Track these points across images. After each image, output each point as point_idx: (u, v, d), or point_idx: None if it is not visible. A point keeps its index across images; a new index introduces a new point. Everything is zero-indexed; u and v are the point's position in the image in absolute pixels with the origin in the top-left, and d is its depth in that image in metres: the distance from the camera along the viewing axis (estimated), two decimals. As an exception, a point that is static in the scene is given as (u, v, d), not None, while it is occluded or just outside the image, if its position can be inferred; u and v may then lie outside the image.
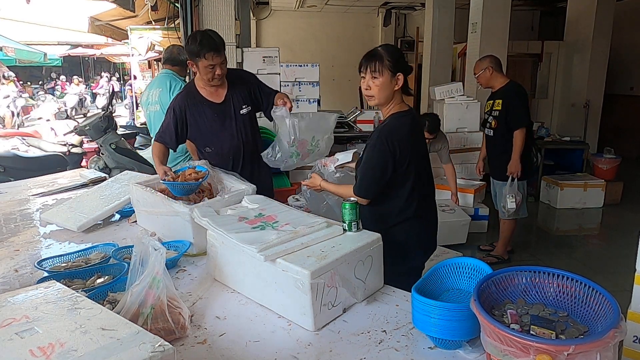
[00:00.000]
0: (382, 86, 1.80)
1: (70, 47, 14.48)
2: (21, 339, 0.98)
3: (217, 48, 2.26)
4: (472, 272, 1.36)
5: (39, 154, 5.31)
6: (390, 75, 1.80)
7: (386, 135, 1.81)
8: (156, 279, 1.25)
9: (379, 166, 1.81)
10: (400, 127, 1.82)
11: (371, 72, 1.80)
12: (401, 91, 1.86)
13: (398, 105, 1.87)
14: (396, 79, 1.81)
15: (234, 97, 2.46)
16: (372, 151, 1.83)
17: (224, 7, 4.48)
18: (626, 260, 2.29)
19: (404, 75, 1.82)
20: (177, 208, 1.82)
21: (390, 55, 1.79)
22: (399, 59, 1.82)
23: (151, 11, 5.81)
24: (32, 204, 2.59)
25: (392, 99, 1.85)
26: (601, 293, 1.07)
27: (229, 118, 2.46)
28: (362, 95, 8.54)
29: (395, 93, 1.84)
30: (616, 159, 5.89)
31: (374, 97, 1.83)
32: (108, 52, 14.86)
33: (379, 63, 1.78)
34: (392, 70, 1.79)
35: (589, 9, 7.32)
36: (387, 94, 1.83)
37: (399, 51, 1.87)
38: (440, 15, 7.84)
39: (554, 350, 0.90)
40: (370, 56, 1.82)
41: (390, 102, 1.85)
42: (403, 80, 1.82)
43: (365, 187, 1.86)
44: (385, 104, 1.86)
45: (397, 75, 1.81)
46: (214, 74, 2.31)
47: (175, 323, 1.26)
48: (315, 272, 1.28)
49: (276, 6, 10.15)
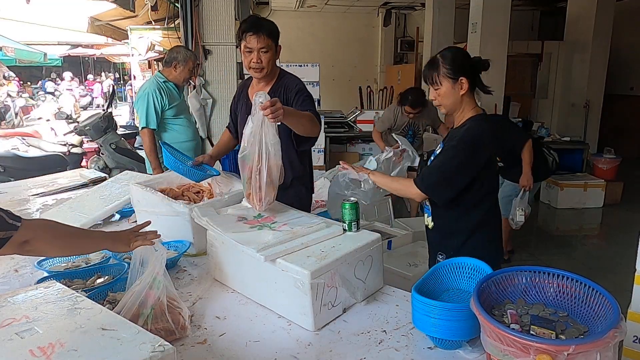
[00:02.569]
0: (445, 95, 1.72)
1: (70, 47, 14.47)
2: (21, 339, 0.98)
3: (258, 29, 2.00)
4: (472, 272, 1.36)
5: (39, 154, 5.31)
6: (451, 82, 1.69)
7: (470, 135, 1.68)
8: (157, 280, 1.25)
9: (455, 167, 1.67)
10: (483, 132, 1.70)
11: (431, 83, 1.73)
12: (471, 94, 1.74)
13: (473, 109, 1.74)
14: (459, 83, 1.69)
15: None
16: (452, 151, 1.68)
17: (224, 7, 4.48)
18: (626, 260, 2.29)
19: (468, 78, 1.70)
20: (177, 208, 1.82)
21: (447, 61, 1.69)
22: (460, 61, 1.70)
23: (151, 11, 5.81)
24: (32, 204, 2.59)
25: (461, 104, 1.73)
26: (601, 293, 1.07)
27: None
28: (362, 95, 8.58)
29: (464, 97, 1.72)
30: (616, 159, 5.89)
31: (441, 106, 1.76)
32: (108, 52, 14.84)
33: (435, 74, 1.71)
34: (452, 77, 1.69)
35: (589, 9, 7.32)
36: (453, 101, 1.73)
37: (458, 54, 1.74)
38: (440, 15, 7.84)
39: (554, 350, 0.90)
40: (428, 67, 1.74)
41: (460, 107, 1.74)
42: (468, 82, 1.69)
43: (433, 183, 1.69)
44: (455, 110, 1.76)
45: (459, 80, 1.69)
46: (251, 60, 2.04)
47: (175, 323, 1.26)
48: (315, 272, 1.28)
49: (276, 6, 10.14)
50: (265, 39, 2.03)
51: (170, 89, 3.23)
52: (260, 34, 2.01)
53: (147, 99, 3.14)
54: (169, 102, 3.17)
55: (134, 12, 6.35)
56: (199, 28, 4.52)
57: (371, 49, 11.32)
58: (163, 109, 3.17)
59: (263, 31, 2.01)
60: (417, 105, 4.05)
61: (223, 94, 5.06)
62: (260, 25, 2.02)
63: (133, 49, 6.73)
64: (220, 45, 4.87)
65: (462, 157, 1.66)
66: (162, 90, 3.17)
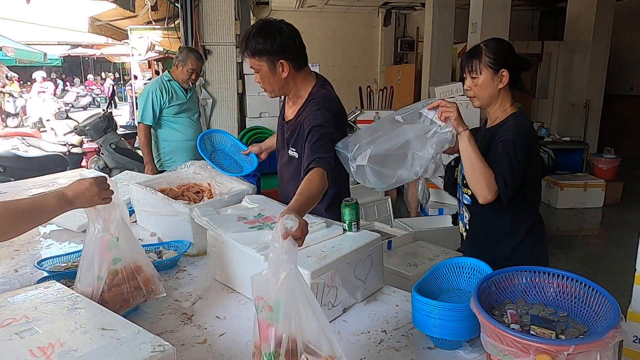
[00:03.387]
0: (483, 86, 1.62)
1: (70, 47, 14.48)
2: (21, 339, 0.98)
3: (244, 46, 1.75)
4: (472, 272, 1.35)
5: (39, 154, 5.31)
6: (492, 73, 1.60)
7: (522, 130, 1.58)
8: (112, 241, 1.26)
9: (519, 164, 1.53)
10: (529, 127, 1.62)
11: (469, 71, 1.64)
12: (509, 90, 1.64)
13: (513, 105, 1.65)
14: (500, 75, 1.60)
15: (293, 126, 1.86)
16: (510, 146, 1.54)
17: (224, 7, 4.48)
18: (626, 260, 2.29)
19: (510, 72, 1.61)
20: (177, 208, 1.82)
21: (491, 50, 1.60)
22: (504, 53, 1.61)
23: (151, 11, 5.82)
24: (32, 204, 2.59)
25: (498, 99, 1.64)
26: (601, 293, 1.07)
27: (284, 146, 1.93)
28: (362, 95, 8.57)
29: (502, 91, 1.63)
30: (616, 159, 5.89)
31: (476, 97, 1.66)
32: (108, 52, 14.85)
33: (477, 61, 1.61)
34: (493, 67, 1.60)
35: (589, 9, 7.33)
36: (490, 93, 1.63)
37: (504, 45, 1.64)
38: (440, 15, 7.85)
39: (554, 350, 0.90)
40: (470, 54, 1.64)
41: (496, 102, 1.65)
42: (508, 77, 1.60)
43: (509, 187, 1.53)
44: (490, 104, 1.66)
45: (500, 72, 1.60)
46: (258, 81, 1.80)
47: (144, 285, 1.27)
48: (315, 272, 1.28)
49: (276, 6, 10.15)
50: (250, 59, 1.76)
51: (175, 88, 3.29)
52: (245, 52, 1.75)
53: (147, 96, 3.27)
54: (169, 101, 3.24)
55: (134, 12, 6.36)
56: (199, 28, 4.53)
57: (371, 49, 11.32)
58: (162, 107, 3.26)
59: (245, 50, 1.74)
60: None
61: (223, 94, 5.06)
62: (244, 43, 1.74)
63: (133, 49, 6.74)
64: (220, 45, 4.87)
65: (521, 150, 1.54)
66: (163, 89, 3.26)
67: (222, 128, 5.15)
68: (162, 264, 1.70)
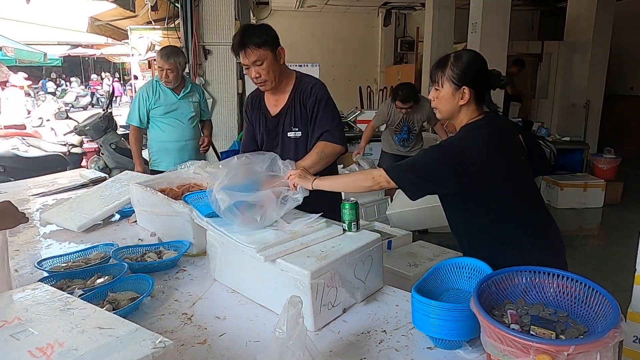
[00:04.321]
0: (443, 99, 1.56)
1: (70, 47, 14.49)
2: (17, 341, 0.97)
3: (243, 45, 1.90)
4: (472, 272, 1.36)
5: (39, 154, 5.32)
6: (453, 88, 1.52)
7: (452, 141, 1.55)
8: None
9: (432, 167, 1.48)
10: (473, 139, 1.50)
11: (433, 81, 1.58)
12: (472, 106, 1.55)
13: (468, 117, 1.57)
14: (461, 92, 1.52)
15: (288, 113, 2.06)
16: (431, 149, 1.55)
17: (224, 7, 4.49)
18: (626, 260, 2.29)
19: (474, 89, 1.52)
20: (177, 208, 1.82)
21: (458, 65, 1.52)
22: (472, 70, 1.52)
23: (151, 11, 5.82)
24: (32, 204, 2.59)
25: (459, 114, 1.57)
26: (601, 293, 1.07)
27: (276, 137, 2.10)
28: (362, 95, 8.57)
29: (463, 108, 1.54)
30: (616, 159, 5.89)
31: (437, 109, 1.61)
32: (108, 52, 14.87)
33: (441, 73, 1.54)
34: (455, 82, 1.52)
35: (589, 9, 7.33)
36: (449, 108, 1.56)
37: (474, 61, 1.54)
38: (440, 15, 7.84)
39: (554, 351, 0.90)
40: (437, 64, 1.58)
41: (457, 116, 1.58)
42: (471, 95, 1.52)
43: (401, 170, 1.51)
44: (451, 118, 1.61)
45: (462, 89, 1.51)
46: (252, 76, 1.96)
47: None
48: (315, 272, 1.28)
49: (276, 6, 10.15)
50: (255, 51, 1.91)
51: (164, 89, 3.30)
52: (247, 48, 1.90)
53: (136, 97, 3.37)
54: (155, 102, 3.27)
55: (134, 12, 6.36)
56: (199, 28, 4.53)
57: (371, 49, 11.32)
58: (149, 108, 3.30)
59: (249, 45, 1.90)
60: (407, 100, 4.04)
61: (223, 94, 5.07)
62: (244, 40, 1.90)
63: (133, 49, 6.73)
64: (220, 45, 4.88)
65: (435, 155, 1.50)
66: (151, 90, 3.30)
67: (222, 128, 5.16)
68: (162, 264, 1.70)
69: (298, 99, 2.03)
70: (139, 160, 3.38)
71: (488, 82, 1.56)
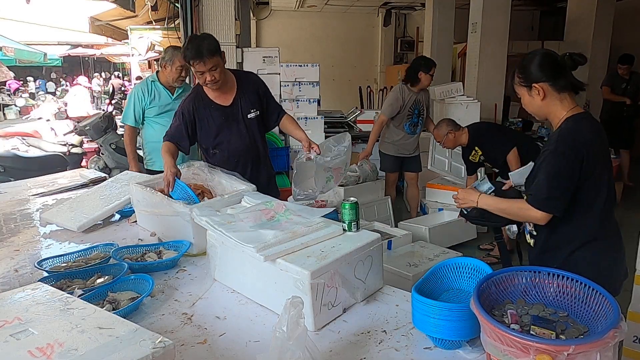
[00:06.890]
0: (526, 104, 1.62)
1: (70, 47, 14.47)
2: (17, 341, 0.97)
3: (201, 55, 2.16)
4: (472, 272, 1.36)
5: (39, 154, 5.31)
6: (526, 90, 1.59)
7: (566, 137, 1.52)
8: None
9: (566, 173, 1.49)
10: (581, 129, 1.53)
11: (516, 94, 1.65)
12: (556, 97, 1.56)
13: (563, 111, 1.57)
14: (535, 90, 1.56)
15: (242, 101, 2.43)
16: (553, 157, 1.52)
17: (224, 7, 4.47)
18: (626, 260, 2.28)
19: (546, 82, 1.54)
20: (177, 208, 1.82)
21: (519, 69, 1.59)
22: (533, 67, 1.56)
23: (151, 11, 5.82)
24: (32, 204, 2.59)
25: (548, 110, 1.59)
26: (601, 293, 1.07)
27: (235, 121, 2.43)
28: (362, 95, 8.57)
29: (550, 103, 1.56)
30: (616, 159, 5.89)
31: (533, 114, 1.65)
32: (108, 52, 14.85)
33: (513, 84, 1.63)
34: (525, 85, 1.58)
35: (589, 9, 7.32)
36: (535, 109, 1.61)
37: (533, 59, 1.58)
38: (440, 15, 7.83)
39: (554, 350, 0.90)
40: (510, 77, 1.66)
41: (549, 113, 1.60)
42: (545, 88, 1.54)
43: (552, 200, 1.50)
44: (544, 116, 1.63)
45: (533, 87, 1.56)
46: (205, 80, 2.24)
47: None
48: (315, 272, 1.28)
49: (276, 6, 10.14)
50: (210, 60, 2.19)
51: (159, 89, 3.29)
52: (205, 57, 2.17)
53: (130, 97, 3.36)
54: (150, 102, 3.27)
55: (134, 12, 6.36)
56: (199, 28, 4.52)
57: (371, 49, 11.31)
58: (143, 107, 3.29)
59: (205, 55, 2.17)
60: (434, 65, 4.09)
61: (223, 94, 5.05)
62: (200, 51, 2.16)
63: (133, 49, 6.74)
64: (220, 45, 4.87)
65: (565, 158, 1.50)
66: (146, 90, 3.28)
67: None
68: (162, 264, 1.70)
69: (246, 87, 2.44)
70: (134, 161, 3.37)
71: (555, 70, 1.55)
